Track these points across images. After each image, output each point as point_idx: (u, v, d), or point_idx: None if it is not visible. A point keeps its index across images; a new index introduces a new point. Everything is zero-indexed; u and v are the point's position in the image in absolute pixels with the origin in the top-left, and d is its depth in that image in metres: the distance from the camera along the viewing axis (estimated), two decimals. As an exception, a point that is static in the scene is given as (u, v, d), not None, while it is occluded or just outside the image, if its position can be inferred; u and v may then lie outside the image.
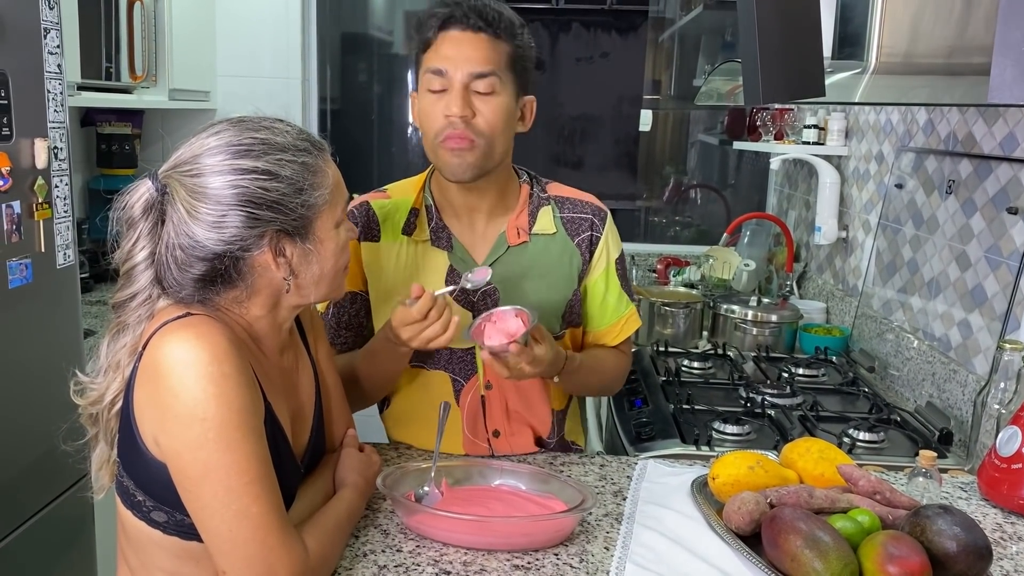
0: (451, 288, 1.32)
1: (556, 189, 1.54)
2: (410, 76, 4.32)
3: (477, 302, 1.45)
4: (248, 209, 1.02)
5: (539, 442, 1.55)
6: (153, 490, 1.04)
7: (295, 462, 1.17)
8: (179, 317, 1.03)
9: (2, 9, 1.56)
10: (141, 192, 1.04)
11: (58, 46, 1.74)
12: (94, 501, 1.18)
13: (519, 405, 1.51)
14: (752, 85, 1.11)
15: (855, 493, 1.27)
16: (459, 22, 1.34)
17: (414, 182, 1.51)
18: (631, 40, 5.25)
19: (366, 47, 4.22)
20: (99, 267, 2.77)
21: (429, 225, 1.47)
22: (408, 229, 1.47)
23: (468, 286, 1.35)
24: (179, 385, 0.97)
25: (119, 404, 1.07)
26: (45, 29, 1.70)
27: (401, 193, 1.51)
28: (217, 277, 1.05)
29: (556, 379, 1.42)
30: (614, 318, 1.54)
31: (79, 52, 2.40)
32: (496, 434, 1.51)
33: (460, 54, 1.33)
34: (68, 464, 1.18)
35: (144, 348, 1.02)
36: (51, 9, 1.70)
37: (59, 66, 1.75)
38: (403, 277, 1.46)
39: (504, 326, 1.28)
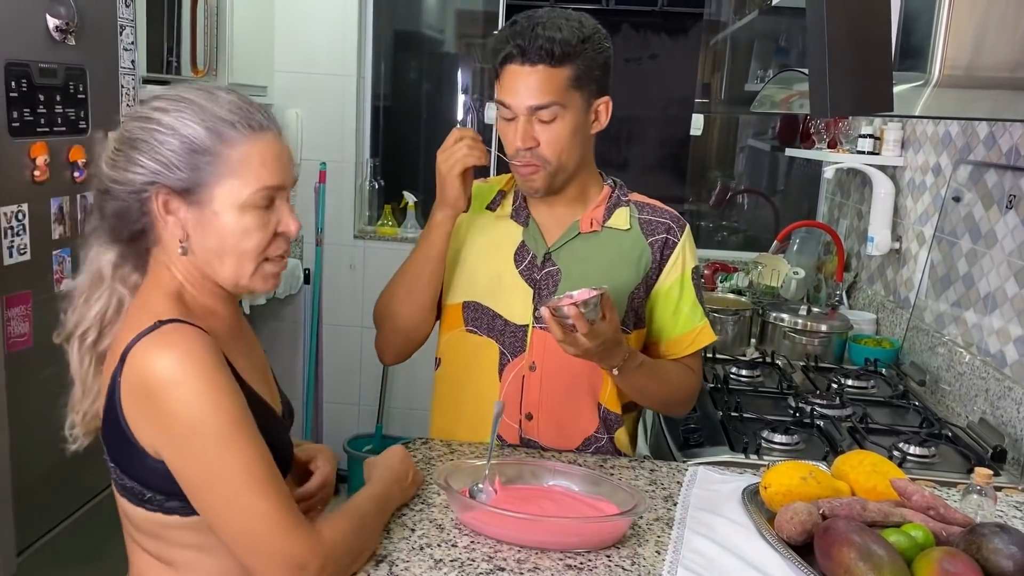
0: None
1: (638, 197, 1.60)
2: (461, 75, 4.35)
3: (540, 280, 1.51)
4: (135, 154, 1.04)
5: (586, 442, 1.56)
6: (163, 486, 1.06)
7: (276, 416, 1.19)
8: (152, 329, 1.02)
9: (83, 6, 1.62)
10: None
11: (132, 42, 1.80)
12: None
13: (563, 394, 1.53)
14: (819, 98, 1.12)
15: (908, 508, 1.27)
16: (516, 58, 1.39)
17: (509, 175, 1.61)
18: (681, 42, 5.22)
19: (417, 45, 4.26)
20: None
21: (513, 204, 1.57)
22: (493, 205, 1.59)
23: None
24: (174, 404, 0.99)
25: (100, 346, 1.12)
26: (121, 26, 1.76)
27: (496, 181, 1.64)
28: (125, 219, 1.07)
29: (615, 371, 1.42)
30: (687, 327, 1.55)
31: (145, 46, 2.46)
32: (529, 417, 1.54)
33: (519, 88, 1.40)
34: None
35: (124, 359, 1.02)
36: (127, 7, 1.76)
37: (132, 62, 1.81)
38: (478, 243, 1.56)
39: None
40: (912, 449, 1.72)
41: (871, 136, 2.68)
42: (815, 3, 1.11)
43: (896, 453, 1.71)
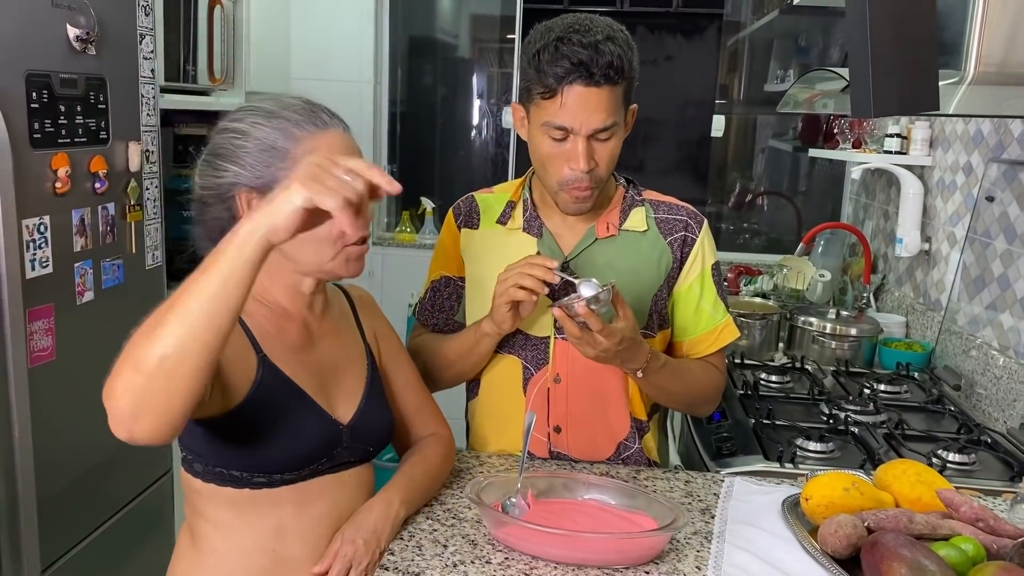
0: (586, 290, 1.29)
1: (652, 195, 1.55)
2: (476, 80, 4.32)
3: (558, 291, 1.44)
4: (218, 161, 1.15)
5: (616, 451, 1.53)
6: (189, 443, 1.16)
7: (312, 407, 1.20)
8: None
9: (103, 15, 1.60)
10: None
11: (152, 51, 1.78)
12: (173, 491, 1.23)
13: (591, 405, 1.49)
14: (862, 97, 1.08)
15: (956, 520, 1.23)
16: (581, 80, 1.31)
17: (517, 181, 1.58)
18: (697, 43, 5.17)
19: (432, 50, 4.24)
20: (174, 266, 2.83)
21: (524, 215, 1.51)
22: (503, 219, 1.53)
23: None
24: None
25: None
26: (141, 35, 1.74)
27: (503, 190, 1.58)
28: (217, 221, 1.16)
29: (639, 374, 1.39)
30: (709, 325, 1.51)
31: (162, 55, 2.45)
32: (557, 430, 1.50)
33: (586, 111, 1.32)
34: (149, 460, 1.21)
35: None
36: (147, 15, 1.74)
37: (152, 71, 1.79)
38: (495, 261, 1.46)
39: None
40: (951, 456, 1.67)
41: (898, 135, 2.63)
42: (856, 0, 1.08)
43: (935, 460, 1.67)
